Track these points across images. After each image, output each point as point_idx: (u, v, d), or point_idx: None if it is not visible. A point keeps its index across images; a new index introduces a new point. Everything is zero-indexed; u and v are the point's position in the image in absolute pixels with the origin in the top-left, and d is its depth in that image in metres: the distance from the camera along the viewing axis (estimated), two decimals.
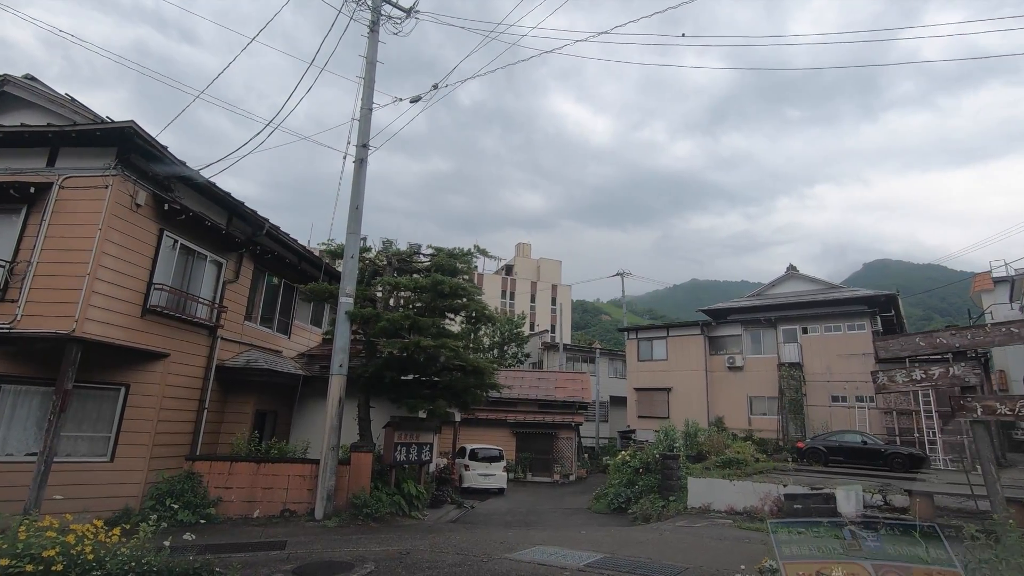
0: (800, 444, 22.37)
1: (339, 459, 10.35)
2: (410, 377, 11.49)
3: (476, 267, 12.51)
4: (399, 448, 11.09)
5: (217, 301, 12.12)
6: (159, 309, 10.24)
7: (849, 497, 9.52)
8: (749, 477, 13.87)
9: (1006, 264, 39.65)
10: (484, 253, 12.73)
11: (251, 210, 12.58)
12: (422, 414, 11.87)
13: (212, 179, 10.99)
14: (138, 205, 9.79)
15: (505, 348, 44.29)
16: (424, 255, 13.15)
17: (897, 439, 23.84)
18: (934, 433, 23.62)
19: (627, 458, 19.06)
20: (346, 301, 10.60)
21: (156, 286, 10.25)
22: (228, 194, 11.79)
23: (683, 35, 10.67)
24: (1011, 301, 37.56)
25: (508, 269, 74.69)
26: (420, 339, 9.84)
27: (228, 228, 12.35)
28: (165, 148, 9.98)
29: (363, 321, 11.22)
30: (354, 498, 9.90)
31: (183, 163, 10.39)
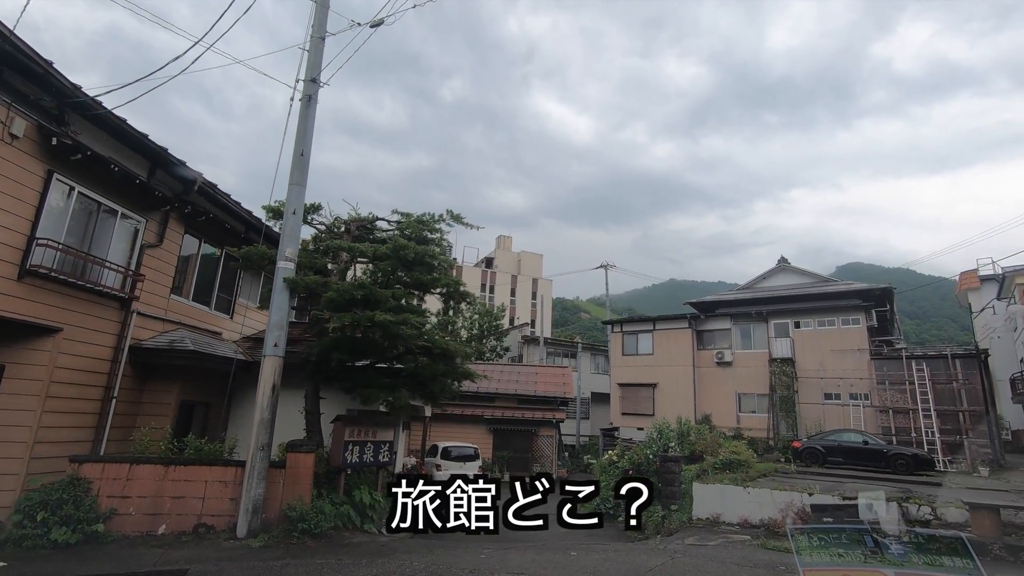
0: (796, 444, 20.98)
1: (272, 461, 8.36)
2: (366, 362, 9.54)
3: (450, 244, 10.57)
4: (351, 447, 9.13)
5: (132, 268, 9.99)
6: (45, 271, 8.11)
7: (891, 510, 7.91)
8: (753, 482, 12.26)
9: (993, 262, 39.11)
10: (459, 220, 10.80)
11: (178, 160, 10.47)
12: (383, 407, 9.92)
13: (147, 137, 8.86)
14: (13, 136, 7.65)
15: (484, 341, 42.44)
16: (389, 221, 11.17)
17: (894, 439, 22.72)
18: (932, 433, 22.53)
19: (614, 458, 17.37)
20: (285, 266, 8.60)
21: (41, 242, 8.12)
22: (145, 136, 9.67)
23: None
24: (999, 299, 37.06)
25: (488, 262, 72.75)
26: (374, 313, 7.89)
27: (149, 181, 10.23)
28: (51, 64, 7.85)
29: (310, 294, 9.24)
30: (288, 510, 7.93)
31: (78, 87, 8.26)
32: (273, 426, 8.13)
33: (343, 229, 11.15)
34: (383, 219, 11.28)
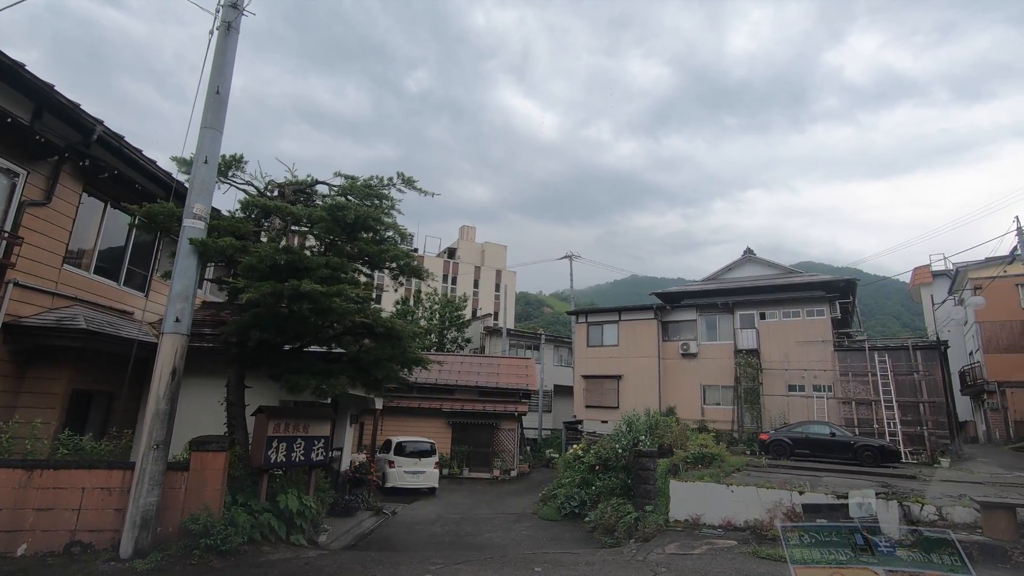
0: (763, 436, 20.49)
1: (173, 463, 6.84)
2: (297, 345, 8.08)
3: (411, 234, 9.23)
4: (276, 444, 7.67)
5: (7, 229, 8.20)
6: None
7: (890, 509, 7.07)
8: (728, 477, 11.39)
9: (945, 258, 40.16)
10: (411, 183, 9.42)
11: (70, 102, 8.70)
12: (314, 396, 8.45)
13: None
14: None
15: (445, 333, 40.97)
16: (331, 186, 9.66)
17: (856, 430, 22.60)
18: (894, 424, 22.51)
19: (579, 453, 16.36)
20: (192, 225, 7.05)
21: None
22: (22, 66, 7.89)
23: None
24: (950, 294, 38.04)
25: (451, 252, 71.03)
26: (301, 282, 6.46)
27: (33, 125, 8.44)
28: None
29: (229, 262, 7.70)
30: (191, 522, 6.44)
31: None
32: (172, 419, 6.60)
33: (276, 193, 9.59)
34: (324, 183, 9.77)
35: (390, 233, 9.52)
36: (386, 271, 9.63)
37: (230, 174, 8.63)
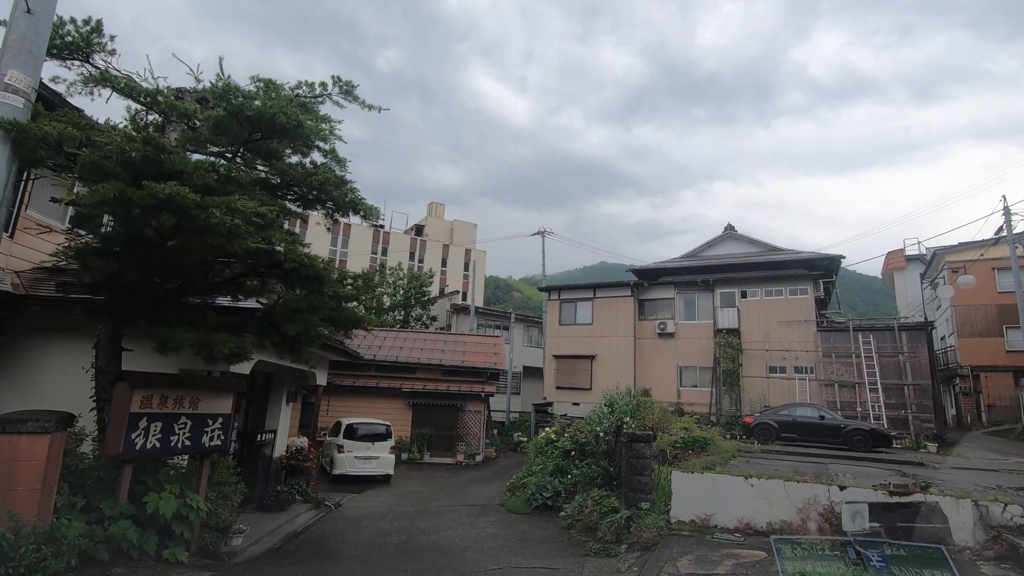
0: (748, 419, 19.16)
1: None
2: (177, 286, 5.88)
3: (376, 207, 6.96)
4: (143, 424, 5.51)
5: None
6: None
7: (962, 511, 5.44)
8: (733, 467, 9.75)
9: (919, 242, 39.89)
10: (350, 92, 7.24)
11: None
12: (199, 357, 6.24)
13: None
14: None
15: (409, 310, 38.66)
16: (246, 95, 7.34)
17: (839, 413, 21.58)
18: (879, 407, 21.55)
19: (552, 437, 14.57)
20: (5, 101, 4.77)
21: None
22: None
23: None
24: (923, 279, 37.76)
25: (418, 229, 68.25)
26: (163, 185, 4.28)
27: None
28: None
29: (66, 164, 5.38)
30: None
31: None
32: None
33: (173, 99, 7.23)
34: (236, 88, 7.44)
35: (323, 160, 7.36)
36: (318, 207, 7.46)
37: (91, 55, 6.23)
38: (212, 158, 6.29)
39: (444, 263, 64.37)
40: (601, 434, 11.28)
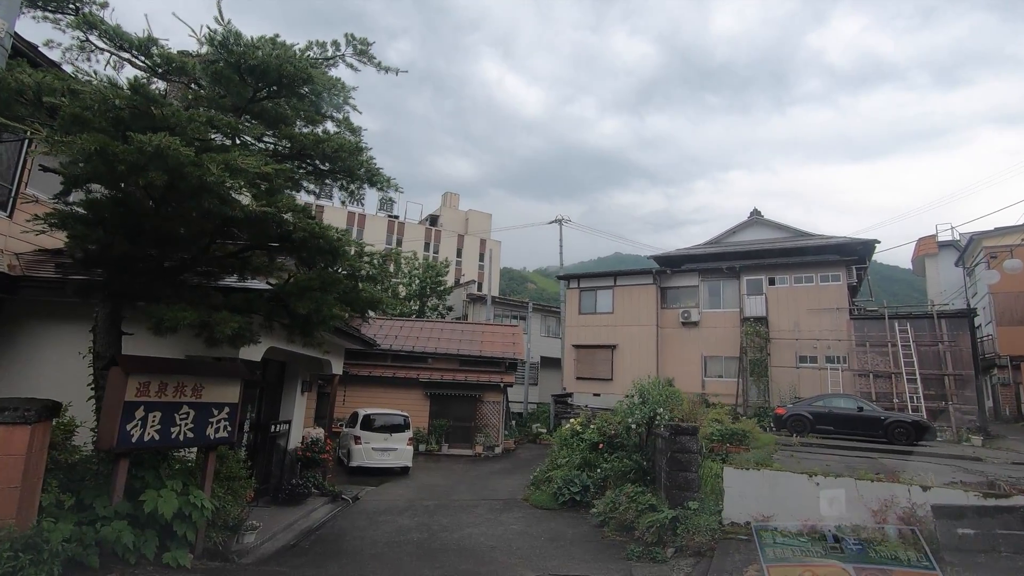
0: (780, 410, 18.32)
1: None
2: (178, 262, 5.29)
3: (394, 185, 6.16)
4: (140, 415, 4.94)
5: None
6: None
7: None
8: (777, 461, 9.00)
9: (952, 227, 38.37)
10: (364, 51, 6.55)
11: None
12: (200, 338, 5.64)
13: None
14: None
15: (425, 300, 38.16)
16: (249, 43, 6.65)
17: (875, 404, 20.63)
18: (917, 399, 20.54)
19: (577, 428, 13.90)
20: None
21: None
22: None
23: None
24: (957, 265, 36.26)
25: (433, 220, 67.68)
26: (153, 136, 3.65)
27: None
28: None
29: (48, 120, 4.76)
30: None
31: None
32: None
33: (174, 65, 6.59)
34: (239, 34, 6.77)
35: (336, 130, 6.71)
36: (331, 180, 6.80)
37: (80, 7, 5.60)
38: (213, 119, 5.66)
39: (459, 253, 63.82)
40: (633, 426, 10.58)
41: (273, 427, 10.67)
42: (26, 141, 8.77)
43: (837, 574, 4.79)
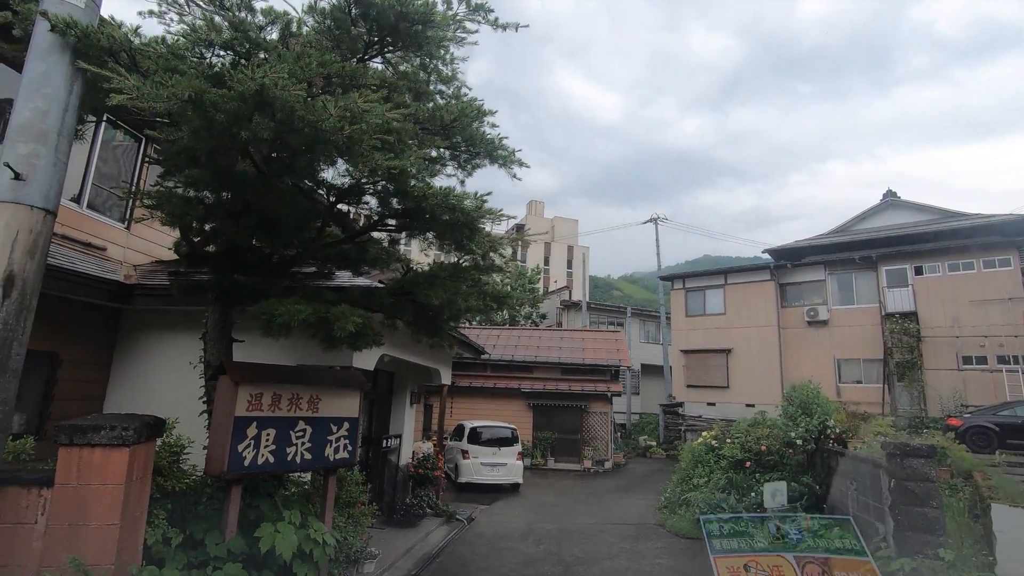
0: (953, 420, 15.33)
1: (17, 473, 3.40)
2: (292, 254, 4.49)
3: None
4: (253, 432, 4.14)
5: None
6: None
7: None
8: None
9: None
10: (479, 5, 5.53)
11: None
12: (318, 340, 4.76)
13: None
14: None
15: (518, 308, 37.41)
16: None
17: None
18: None
19: (712, 443, 12.12)
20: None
21: None
22: None
23: None
24: None
25: (519, 229, 67.27)
26: (256, 72, 2.79)
27: None
28: None
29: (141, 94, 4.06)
30: None
31: None
32: (11, 375, 3.15)
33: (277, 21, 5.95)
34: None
35: (449, 94, 5.76)
36: (449, 154, 5.83)
37: None
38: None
39: (546, 261, 62.86)
40: (799, 442, 8.77)
41: (385, 442, 9.96)
42: (142, 157, 8.72)
43: (779, 564, 4.92)
